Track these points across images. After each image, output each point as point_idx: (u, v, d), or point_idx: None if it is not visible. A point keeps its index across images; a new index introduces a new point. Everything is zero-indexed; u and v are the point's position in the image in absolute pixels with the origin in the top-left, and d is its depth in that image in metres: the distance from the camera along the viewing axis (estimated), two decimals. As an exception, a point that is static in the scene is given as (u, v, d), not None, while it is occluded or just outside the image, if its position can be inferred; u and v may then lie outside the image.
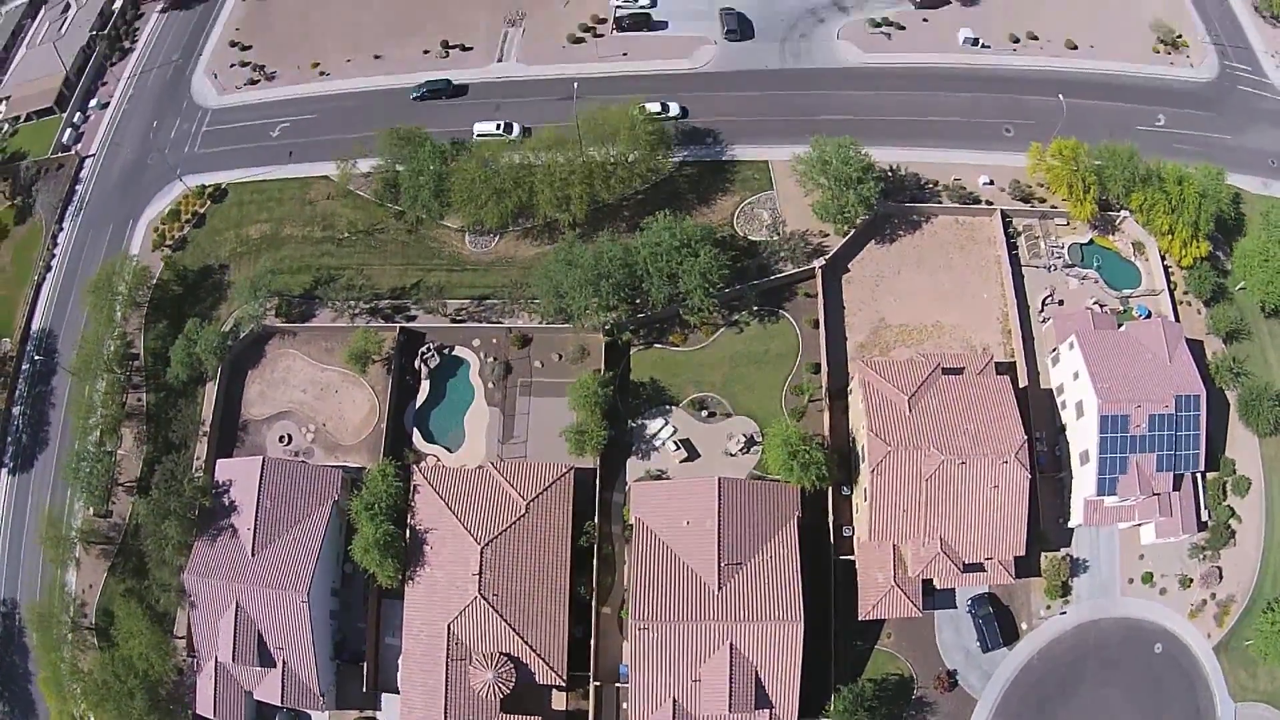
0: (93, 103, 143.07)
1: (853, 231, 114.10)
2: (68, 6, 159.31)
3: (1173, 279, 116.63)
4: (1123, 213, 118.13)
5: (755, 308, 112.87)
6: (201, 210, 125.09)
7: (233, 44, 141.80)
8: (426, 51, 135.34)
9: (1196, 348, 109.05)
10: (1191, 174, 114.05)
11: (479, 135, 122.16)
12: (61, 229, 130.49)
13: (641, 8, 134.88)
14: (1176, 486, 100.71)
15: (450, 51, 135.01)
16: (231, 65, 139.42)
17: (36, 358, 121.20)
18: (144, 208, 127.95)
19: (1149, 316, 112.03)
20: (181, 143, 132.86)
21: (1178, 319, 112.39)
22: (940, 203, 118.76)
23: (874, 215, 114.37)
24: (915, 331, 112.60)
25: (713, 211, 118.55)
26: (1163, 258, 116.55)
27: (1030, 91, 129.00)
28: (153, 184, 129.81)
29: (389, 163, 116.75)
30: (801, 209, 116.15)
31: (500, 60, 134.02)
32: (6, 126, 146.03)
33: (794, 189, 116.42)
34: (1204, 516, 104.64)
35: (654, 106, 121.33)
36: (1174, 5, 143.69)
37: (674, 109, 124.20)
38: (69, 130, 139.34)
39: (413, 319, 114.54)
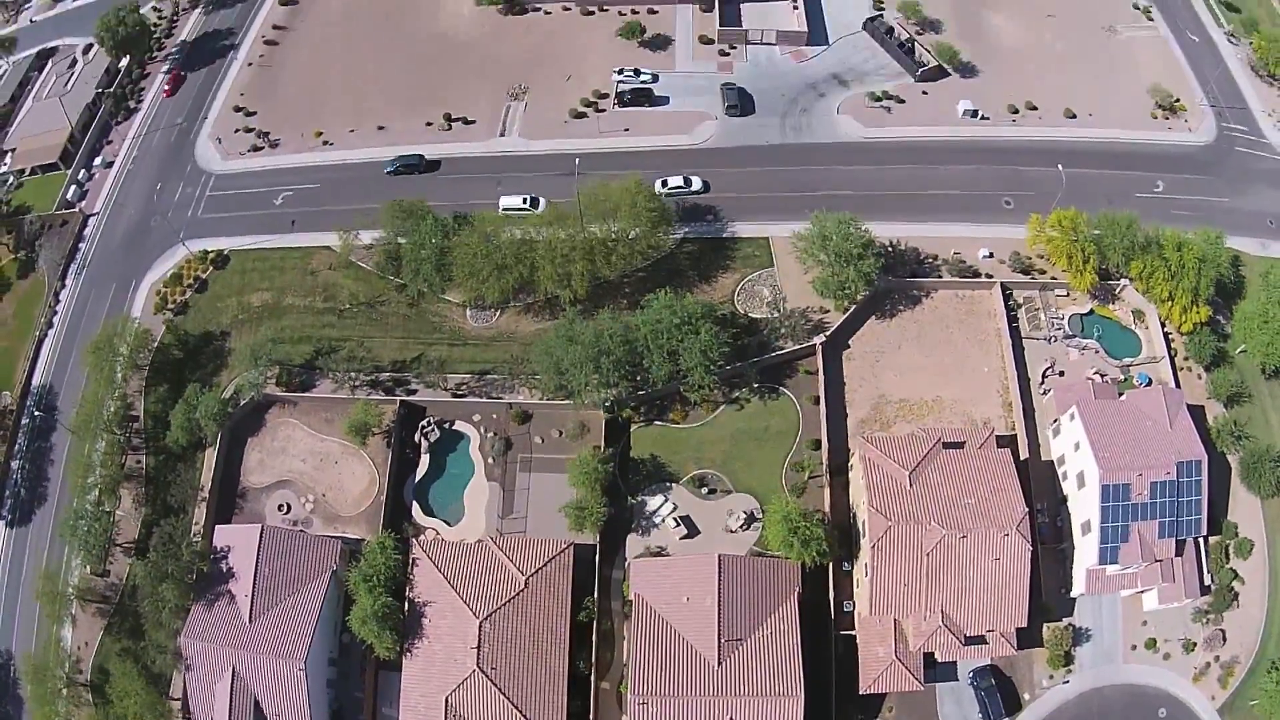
0: (97, 161, 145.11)
1: (853, 307, 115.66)
2: (74, 62, 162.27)
3: (1173, 345, 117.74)
4: (1123, 281, 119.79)
5: (756, 385, 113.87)
6: (204, 275, 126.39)
7: (237, 109, 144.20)
8: (429, 124, 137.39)
9: (1198, 413, 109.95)
10: (1191, 239, 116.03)
11: (505, 209, 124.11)
12: (64, 286, 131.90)
13: (643, 83, 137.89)
14: (1179, 552, 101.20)
15: (453, 125, 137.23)
16: (236, 131, 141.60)
17: (36, 413, 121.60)
18: (146, 270, 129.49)
19: (1150, 384, 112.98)
20: (185, 206, 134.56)
21: (1178, 385, 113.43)
22: (940, 277, 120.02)
23: (874, 291, 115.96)
24: (916, 406, 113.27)
25: (714, 288, 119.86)
26: (1163, 324, 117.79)
27: (1029, 162, 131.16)
28: (156, 246, 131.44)
29: (391, 235, 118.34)
30: (802, 285, 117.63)
31: (503, 134, 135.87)
32: (12, 180, 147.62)
33: (794, 265, 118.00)
34: (1207, 580, 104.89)
35: (676, 180, 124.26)
36: (1172, 70, 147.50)
37: (696, 183, 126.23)
38: (73, 187, 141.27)
39: (413, 392, 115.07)
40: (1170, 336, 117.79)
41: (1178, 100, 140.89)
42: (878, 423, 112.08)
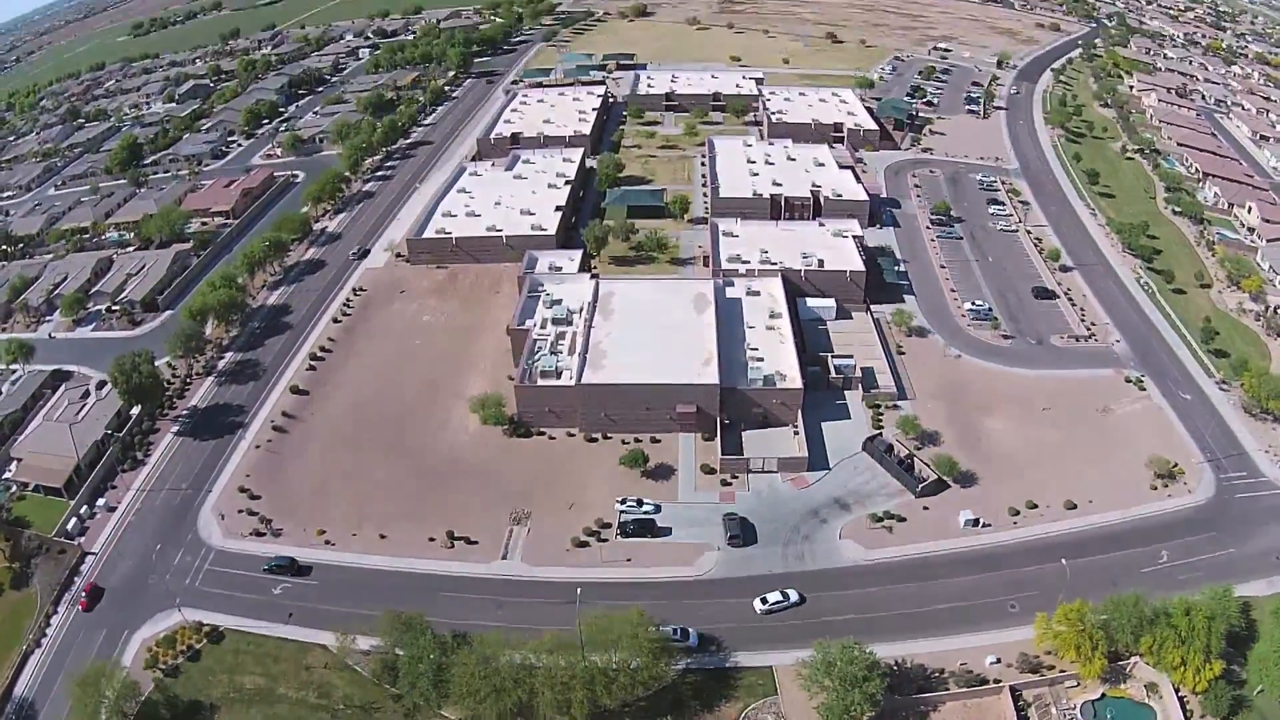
0: (100, 501, 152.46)
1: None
2: (87, 394, 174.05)
3: (1188, 707, 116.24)
4: (1133, 659, 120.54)
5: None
6: (198, 646, 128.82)
7: (242, 490, 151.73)
8: (432, 539, 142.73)
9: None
10: (1198, 601, 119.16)
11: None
12: (56, 612, 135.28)
13: (645, 514, 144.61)
14: None
15: (456, 543, 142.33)
16: (239, 511, 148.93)
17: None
18: (140, 623, 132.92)
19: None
20: (183, 573, 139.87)
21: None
22: (947, 689, 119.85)
23: (879, 712, 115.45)
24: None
25: (717, 718, 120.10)
26: (1176, 689, 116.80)
27: (1033, 562, 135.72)
28: (151, 604, 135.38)
29: (389, 644, 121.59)
30: (807, 712, 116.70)
31: (505, 558, 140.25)
32: (15, 488, 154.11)
33: (798, 693, 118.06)
34: None
35: (775, 596, 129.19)
36: (1168, 436, 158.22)
37: (794, 596, 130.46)
38: (74, 519, 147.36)
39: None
40: (1185, 699, 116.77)
41: (1175, 465, 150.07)
42: None
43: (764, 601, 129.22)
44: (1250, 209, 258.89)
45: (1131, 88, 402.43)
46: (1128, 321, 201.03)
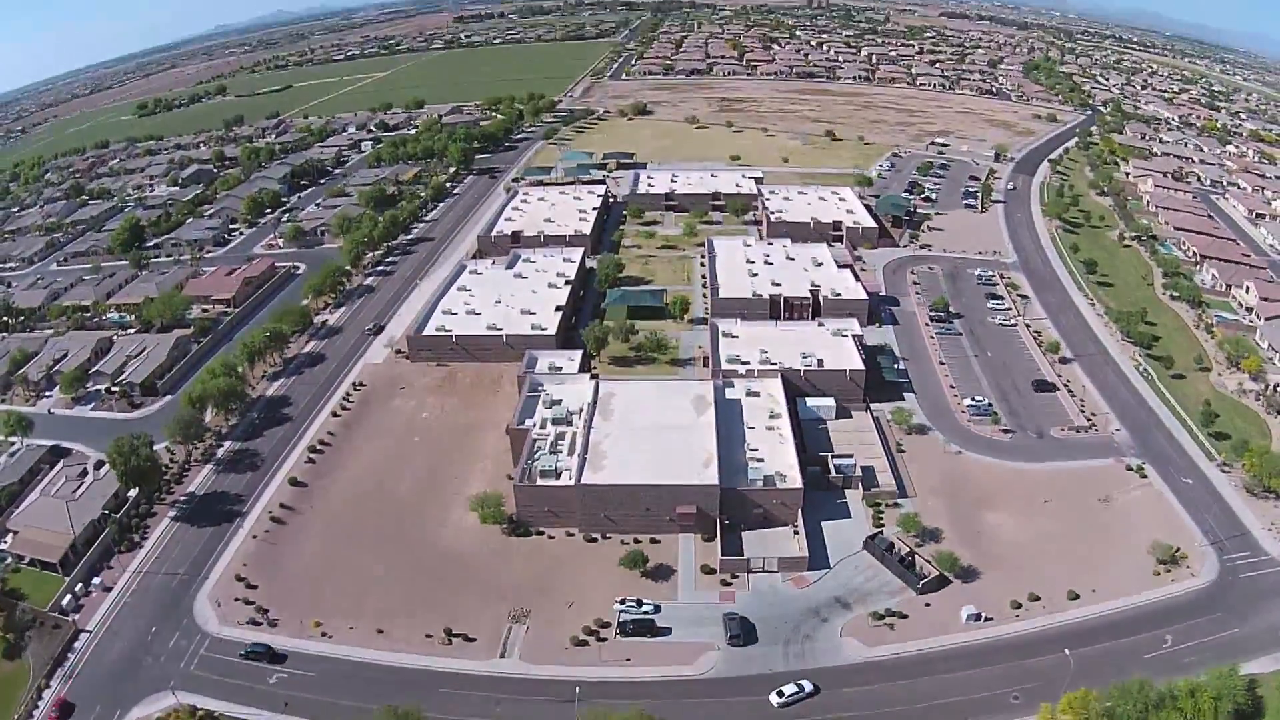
0: (96, 580, 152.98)
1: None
2: (85, 472, 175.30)
3: None
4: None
5: None
6: None
7: (238, 578, 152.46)
8: (429, 635, 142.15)
9: None
10: (1203, 682, 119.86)
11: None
12: (49, 687, 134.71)
13: (645, 614, 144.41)
14: None
15: (454, 640, 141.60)
16: (235, 599, 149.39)
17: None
18: (133, 705, 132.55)
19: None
20: (178, 656, 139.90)
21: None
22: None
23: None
24: None
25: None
26: None
27: (1036, 653, 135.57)
28: (145, 685, 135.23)
29: None
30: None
31: (503, 655, 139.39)
32: (10, 560, 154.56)
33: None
34: None
35: (791, 688, 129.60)
36: (1170, 521, 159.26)
37: (807, 686, 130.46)
38: (69, 596, 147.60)
39: None
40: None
41: (1178, 550, 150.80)
42: None
43: (780, 694, 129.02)
44: (1248, 288, 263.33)
45: (1128, 174, 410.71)
46: (1128, 410, 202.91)
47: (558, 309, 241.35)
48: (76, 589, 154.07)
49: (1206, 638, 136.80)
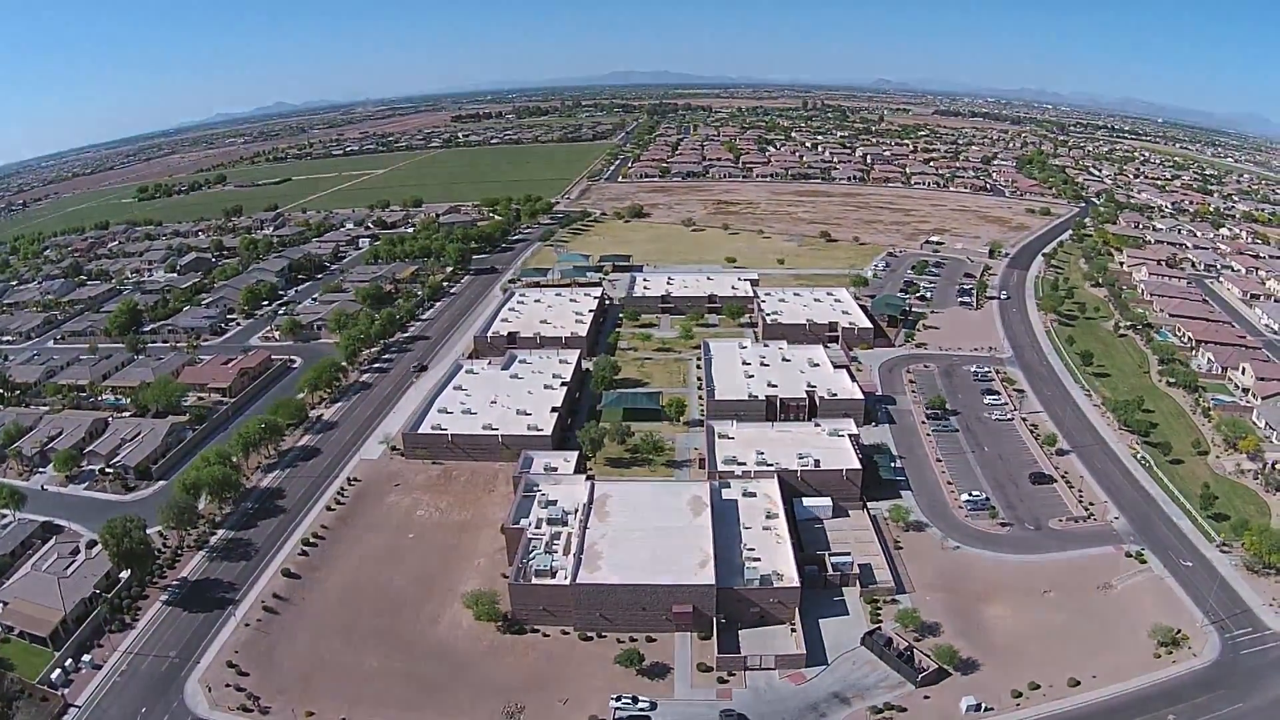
0: (86, 658, 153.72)
1: None
2: (77, 550, 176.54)
3: None
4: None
5: None
6: None
7: (230, 664, 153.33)
8: None
9: None
10: None
11: None
12: None
13: (641, 711, 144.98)
14: None
15: None
16: (226, 685, 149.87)
17: None
18: None
19: None
20: None
21: None
22: None
23: None
24: None
25: None
26: None
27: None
28: None
29: None
30: None
31: None
32: (0, 630, 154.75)
33: None
34: None
35: None
36: (1171, 604, 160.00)
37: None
38: (59, 670, 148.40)
39: None
40: None
41: (1179, 632, 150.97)
42: None
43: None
44: (1244, 370, 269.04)
45: (1122, 264, 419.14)
46: (1126, 498, 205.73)
47: (553, 410, 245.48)
48: (67, 664, 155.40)
49: (1210, 714, 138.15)
